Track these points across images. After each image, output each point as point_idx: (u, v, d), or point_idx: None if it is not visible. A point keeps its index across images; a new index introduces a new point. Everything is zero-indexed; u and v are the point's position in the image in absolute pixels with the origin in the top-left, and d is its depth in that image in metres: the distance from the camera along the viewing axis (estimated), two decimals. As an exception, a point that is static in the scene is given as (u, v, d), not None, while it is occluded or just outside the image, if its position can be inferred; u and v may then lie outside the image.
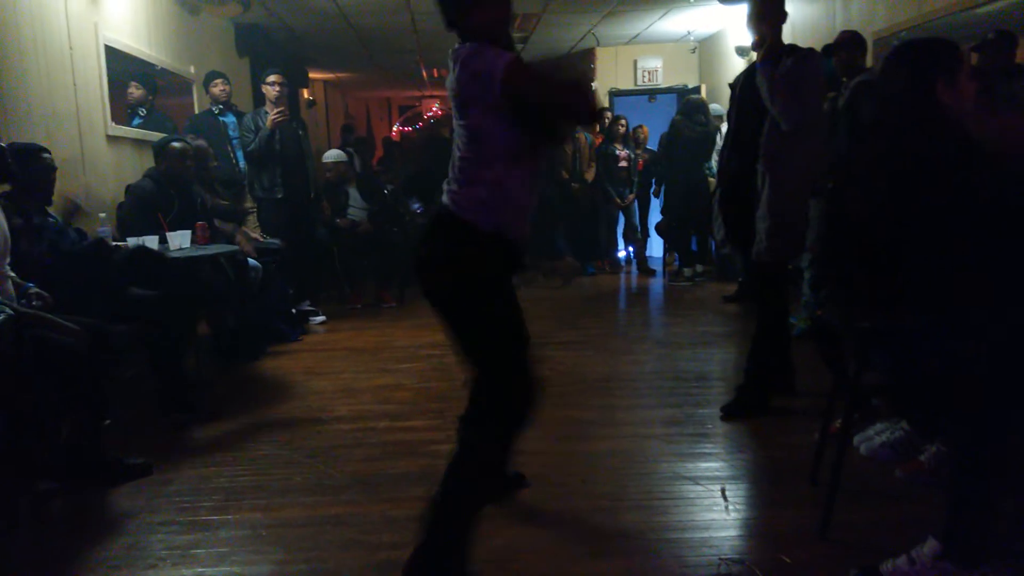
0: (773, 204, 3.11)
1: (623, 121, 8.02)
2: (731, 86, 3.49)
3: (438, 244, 2.04)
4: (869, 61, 4.48)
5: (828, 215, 2.96)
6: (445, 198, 2.03)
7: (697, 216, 7.09)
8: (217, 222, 4.75)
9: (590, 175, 8.32)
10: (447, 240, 2.02)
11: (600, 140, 8.20)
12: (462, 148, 2.01)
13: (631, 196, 8.04)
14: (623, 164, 7.94)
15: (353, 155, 8.16)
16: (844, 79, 4.24)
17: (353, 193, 6.64)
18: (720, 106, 7.61)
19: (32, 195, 3.23)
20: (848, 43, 4.26)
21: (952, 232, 2.12)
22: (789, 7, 3.20)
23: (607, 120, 8.17)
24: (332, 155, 6.84)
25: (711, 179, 6.98)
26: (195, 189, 4.58)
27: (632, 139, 8.10)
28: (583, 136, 8.36)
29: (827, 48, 4.30)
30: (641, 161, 8.04)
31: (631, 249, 8.54)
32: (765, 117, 3.13)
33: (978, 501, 1.86)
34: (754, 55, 3.39)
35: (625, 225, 8.27)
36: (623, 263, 8.63)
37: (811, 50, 3.22)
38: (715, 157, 7.16)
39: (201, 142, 4.96)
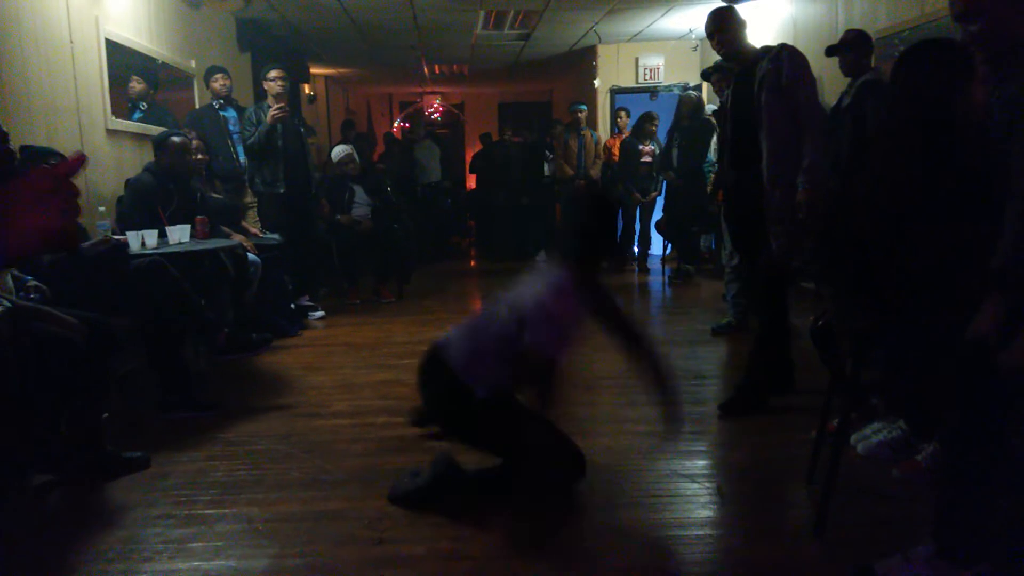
0: (787, 205, 3.09)
1: (656, 121, 7.75)
2: (722, 103, 3.53)
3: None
4: (874, 61, 4.46)
5: (829, 215, 2.95)
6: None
7: (698, 213, 7.06)
8: (225, 229, 4.75)
9: (595, 171, 8.31)
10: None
11: (626, 135, 8.08)
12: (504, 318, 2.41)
13: (654, 193, 7.80)
14: (646, 160, 7.74)
15: (354, 151, 8.13)
16: (849, 78, 4.23)
17: (359, 190, 6.64)
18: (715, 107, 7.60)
19: None
20: (854, 42, 4.22)
21: (955, 233, 2.12)
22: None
23: (622, 118, 8.12)
24: (339, 150, 6.73)
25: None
26: (194, 183, 4.58)
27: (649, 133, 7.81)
28: (588, 133, 8.35)
29: (831, 48, 4.28)
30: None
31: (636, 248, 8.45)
32: (759, 124, 3.14)
33: (973, 500, 1.86)
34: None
35: (640, 223, 7.99)
36: (635, 260, 8.40)
37: (783, 45, 3.25)
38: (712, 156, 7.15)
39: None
